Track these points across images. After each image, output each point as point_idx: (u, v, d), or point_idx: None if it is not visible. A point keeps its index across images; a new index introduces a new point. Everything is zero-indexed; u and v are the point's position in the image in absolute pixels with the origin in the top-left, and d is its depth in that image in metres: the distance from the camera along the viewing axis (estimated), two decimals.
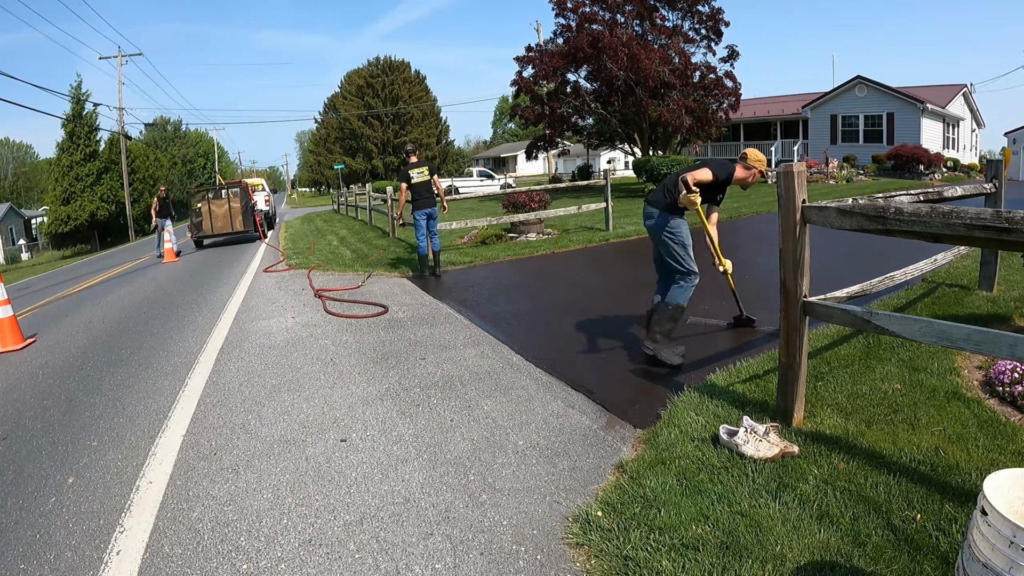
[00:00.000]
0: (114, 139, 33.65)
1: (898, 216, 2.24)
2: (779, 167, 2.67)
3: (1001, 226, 1.92)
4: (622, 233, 10.24)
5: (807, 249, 2.68)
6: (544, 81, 21.54)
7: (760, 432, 2.53)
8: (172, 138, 59.98)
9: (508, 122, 75.62)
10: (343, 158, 49.66)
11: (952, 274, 5.37)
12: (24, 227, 44.21)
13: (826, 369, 3.39)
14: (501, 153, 62.67)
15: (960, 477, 2.24)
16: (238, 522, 2.36)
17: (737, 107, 22.22)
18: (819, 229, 2.70)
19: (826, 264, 5.89)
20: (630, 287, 6.55)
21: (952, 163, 24.23)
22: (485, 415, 3.23)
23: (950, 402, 2.88)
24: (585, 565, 1.98)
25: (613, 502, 2.28)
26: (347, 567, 2.05)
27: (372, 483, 2.59)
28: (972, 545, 1.37)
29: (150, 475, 2.81)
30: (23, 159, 67.93)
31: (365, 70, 52.33)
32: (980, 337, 2.07)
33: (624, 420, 3.06)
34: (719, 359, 3.75)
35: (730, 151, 32.29)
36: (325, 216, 23.35)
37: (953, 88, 27.69)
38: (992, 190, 4.42)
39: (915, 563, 1.82)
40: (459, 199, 17.35)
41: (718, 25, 21.65)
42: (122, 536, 2.32)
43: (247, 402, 3.66)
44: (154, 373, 4.48)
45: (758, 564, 1.87)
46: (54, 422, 3.63)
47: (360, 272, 8.47)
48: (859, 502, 2.14)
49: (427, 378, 3.87)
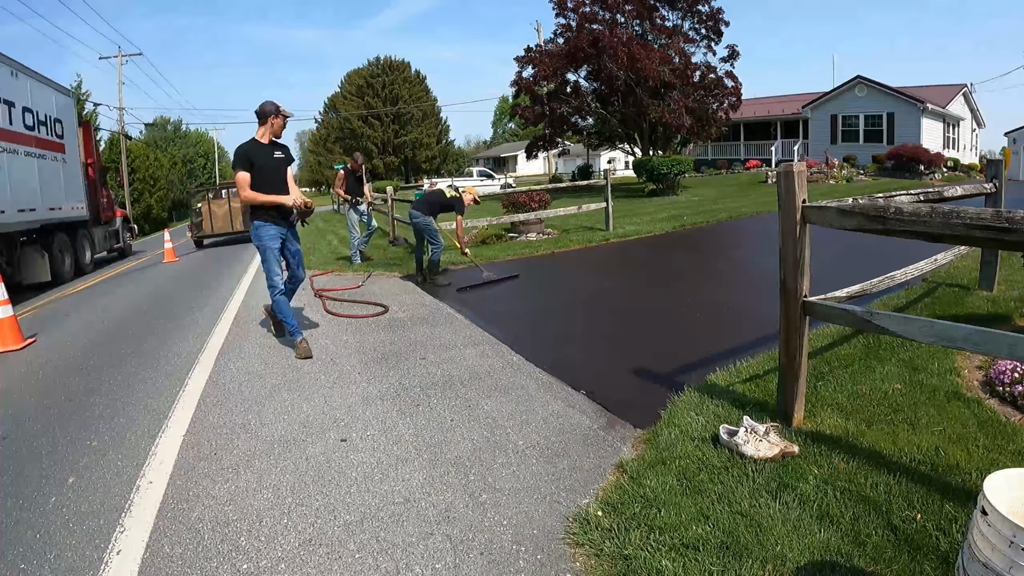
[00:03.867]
0: (114, 139, 33.67)
1: (898, 216, 2.24)
2: (779, 167, 2.67)
3: (1001, 226, 1.92)
4: (622, 233, 10.24)
5: (807, 249, 2.68)
6: (544, 81, 21.53)
7: (760, 432, 2.53)
8: (172, 138, 59.94)
9: (508, 122, 75.56)
10: (343, 158, 49.62)
11: (952, 274, 5.37)
12: None
13: (826, 369, 3.40)
14: (501, 153, 62.67)
15: (960, 477, 2.24)
16: (238, 522, 2.36)
17: (737, 107, 22.22)
18: (819, 229, 2.70)
19: (826, 264, 5.89)
20: (630, 287, 6.55)
21: (952, 163, 24.22)
22: (485, 415, 3.23)
23: (950, 402, 2.88)
24: (585, 565, 1.98)
25: (613, 502, 2.28)
26: (347, 567, 2.05)
27: (372, 483, 2.59)
28: (972, 545, 1.37)
29: (150, 475, 2.81)
30: None
31: (365, 70, 52.34)
32: (980, 337, 2.07)
33: (624, 420, 3.06)
34: (719, 359, 3.75)
35: (730, 151, 32.30)
36: (325, 216, 23.35)
37: (953, 88, 27.69)
38: (992, 190, 4.42)
39: (915, 563, 1.82)
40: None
41: (718, 25, 21.64)
42: (122, 536, 2.32)
43: (247, 402, 3.66)
44: (154, 373, 4.48)
45: (758, 564, 1.87)
46: (54, 422, 3.63)
47: (360, 272, 8.47)
48: (859, 502, 2.14)
49: (427, 378, 3.87)
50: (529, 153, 25.90)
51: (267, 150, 4.56)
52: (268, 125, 4.57)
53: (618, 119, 22.10)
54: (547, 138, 24.30)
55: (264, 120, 4.56)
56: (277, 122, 4.60)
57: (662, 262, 8.13)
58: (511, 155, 58.35)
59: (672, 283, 6.60)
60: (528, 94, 22.77)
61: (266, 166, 4.52)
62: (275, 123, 4.59)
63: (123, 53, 31.09)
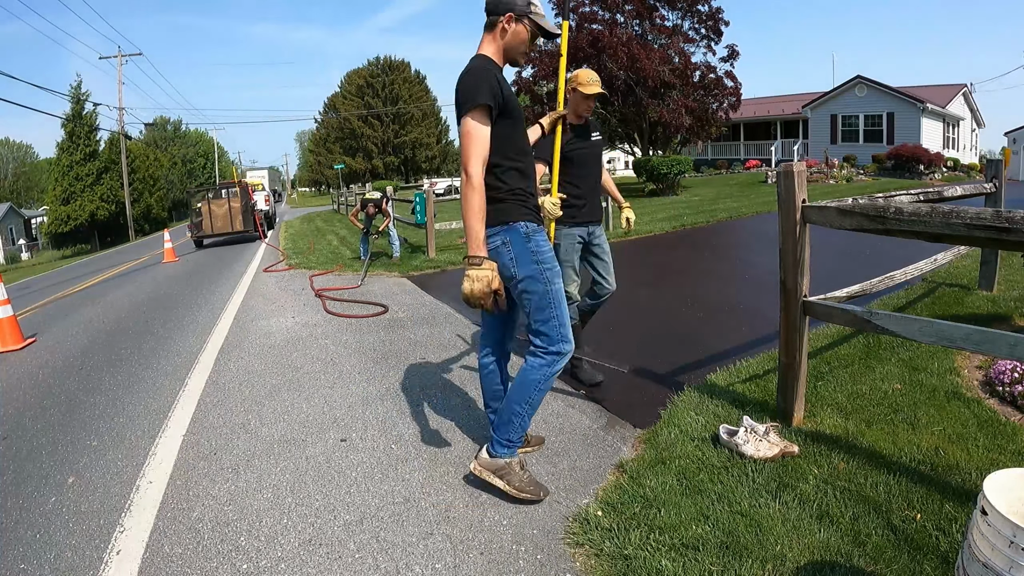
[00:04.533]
0: (114, 139, 33.67)
1: (898, 216, 2.24)
2: (779, 167, 2.67)
3: (1001, 226, 1.92)
4: (622, 233, 10.24)
5: (807, 249, 2.68)
6: (544, 81, 21.54)
7: (760, 432, 2.53)
8: (172, 138, 59.98)
9: None
10: (343, 158, 49.68)
11: (952, 274, 5.37)
12: (24, 227, 44.22)
13: (826, 369, 3.39)
14: None
15: (960, 477, 2.24)
16: (238, 522, 2.36)
17: (737, 107, 22.23)
18: (819, 229, 2.70)
19: (826, 264, 5.89)
20: (630, 286, 6.55)
21: (952, 163, 24.22)
22: (485, 415, 3.22)
23: (950, 402, 2.88)
24: (585, 565, 1.98)
25: (613, 502, 2.28)
26: (347, 567, 2.05)
27: (372, 483, 2.59)
28: (972, 545, 1.37)
29: (150, 475, 2.81)
30: (23, 159, 67.91)
31: (365, 70, 52.38)
32: (980, 337, 2.07)
33: (624, 420, 3.06)
34: (719, 359, 3.75)
35: (730, 151, 32.30)
36: (325, 216, 23.35)
37: (953, 88, 27.71)
38: (992, 190, 4.42)
39: (915, 563, 1.82)
40: (459, 199, 17.31)
41: (718, 24, 21.65)
42: (122, 536, 2.32)
43: (247, 402, 3.66)
44: (154, 373, 4.48)
45: (758, 564, 1.87)
46: (54, 422, 3.63)
47: (360, 272, 8.47)
48: (859, 502, 2.14)
49: (427, 378, 3.87)
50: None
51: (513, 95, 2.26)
52: (502, 33, 2.22)
53: (618, 119, 22.11)
54: None
55: (493, 22, 2.22)
56: (520, 34, 2.23)
57: (662, 262, 8.13)
58: None
59: (672, 283, 6.60)
60: (528, 94, 22.77)
61: (519, 108, 2.29)
62: (517, 34, 2.22)
63: (123, 53, 31.09)
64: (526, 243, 2.23)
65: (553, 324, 2.25)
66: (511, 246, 2.23)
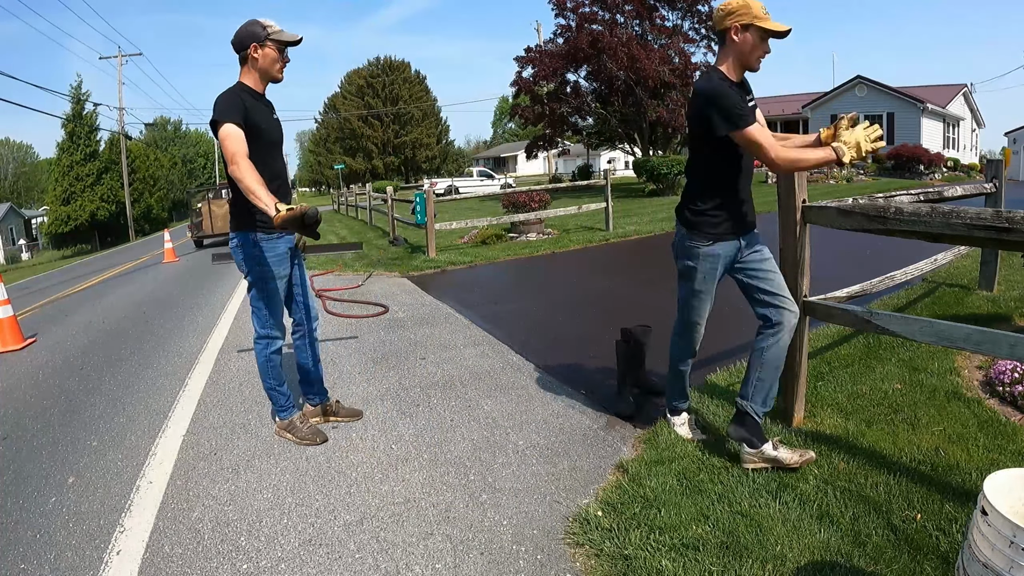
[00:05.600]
0: (114, 139, 33.72)
1: (898, 216, 2.24)
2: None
3: (1001, 226, 1.92)
4: (622, 233, 10.24)
5: (807, 249, 2.68)
6: (544, 81, 21.56)
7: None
8: (172, 138, 60.03)
9: (508, 122, 75.62)
10: (343, 158, 49.66)
11: (952, 274, 5.37)
12: (24, 227, 44.23)
13: (826, 369, 3.39)
14: (501, 153, 62.68)
15: (960, 477, 2.24)
16: (238, 522, 2.36)
17: None
18: (819, 229, 2.70)
19: (826, 264, 5.88)
20: (630, 287, 6.55)
21: (952, 163, 24.22)
22: (485, 415, 3.23)
23: (950, 402, 2.88)
24: (585, 565, 1.98)
25: (613, 502, 2.28)
26: (347, 567, 2.05)
27: (372, 483, 2.59)
28: (972, 545, 1.37)
29: (150, 475, 2.81)
30: (23, 159, 67.93)
31: (365, 70, 52.35)
32: (980, 337, 2.07)
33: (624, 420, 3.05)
34: (719, 359, 3.75)
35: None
36: (325, 216, 23.33)
37: (953, 88, 27.70)
38: (992, 190, 4.42)
39: (915, 563, 1.82)
40: (459, 199, 17.33)
41: None
42: (122, 536, 2.32)
43: (247, 402, 3.66)
44: (154, 373, 4.48)
45: (758, 564, 1.87)
46: (54, 422, 3.63)
47: (360, 272, 8.47)
48: (859, 502, 2.14)
49: (427, 378, 3.87)
50: (529, 153, 25.89)
51: (264, 108, 2.74)
52: (252, 62, 2.66)
53: (618, 119, 22.11)
54: (547, 138, 24.31)
55: (244, 56, 2.66)
56: (268, 55, 2.65)
57: (662, 262, 8.12)
58: (511, 155, 58.35)
59: (672, 283, 6.57)
60: (528, 94, 22.77)
61: (269, 129, 2.73)
62: (265, 56, 2.65)
63: (123, 53, 31.11)
64: (252, 249, 2.77)
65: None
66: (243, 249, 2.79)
